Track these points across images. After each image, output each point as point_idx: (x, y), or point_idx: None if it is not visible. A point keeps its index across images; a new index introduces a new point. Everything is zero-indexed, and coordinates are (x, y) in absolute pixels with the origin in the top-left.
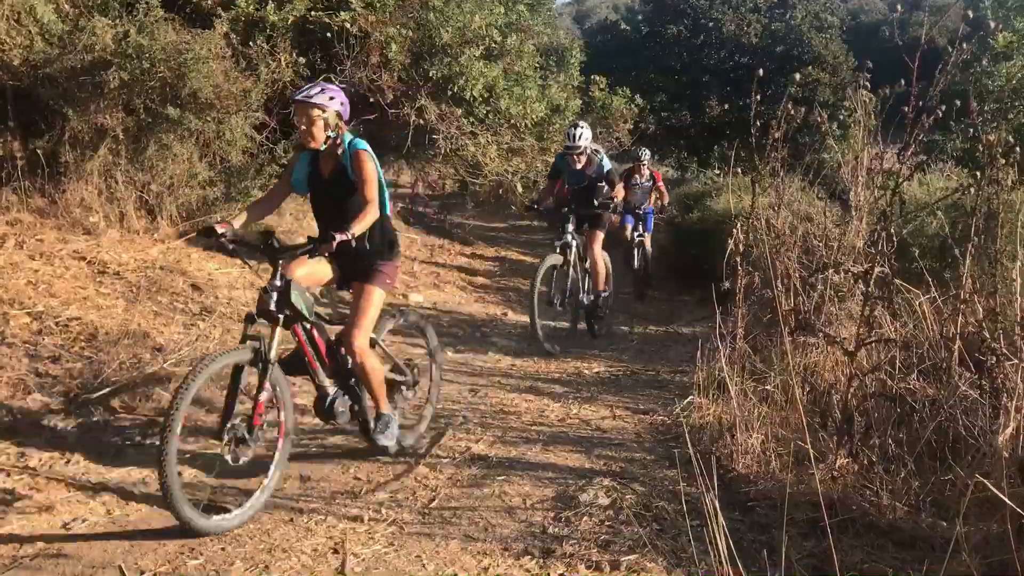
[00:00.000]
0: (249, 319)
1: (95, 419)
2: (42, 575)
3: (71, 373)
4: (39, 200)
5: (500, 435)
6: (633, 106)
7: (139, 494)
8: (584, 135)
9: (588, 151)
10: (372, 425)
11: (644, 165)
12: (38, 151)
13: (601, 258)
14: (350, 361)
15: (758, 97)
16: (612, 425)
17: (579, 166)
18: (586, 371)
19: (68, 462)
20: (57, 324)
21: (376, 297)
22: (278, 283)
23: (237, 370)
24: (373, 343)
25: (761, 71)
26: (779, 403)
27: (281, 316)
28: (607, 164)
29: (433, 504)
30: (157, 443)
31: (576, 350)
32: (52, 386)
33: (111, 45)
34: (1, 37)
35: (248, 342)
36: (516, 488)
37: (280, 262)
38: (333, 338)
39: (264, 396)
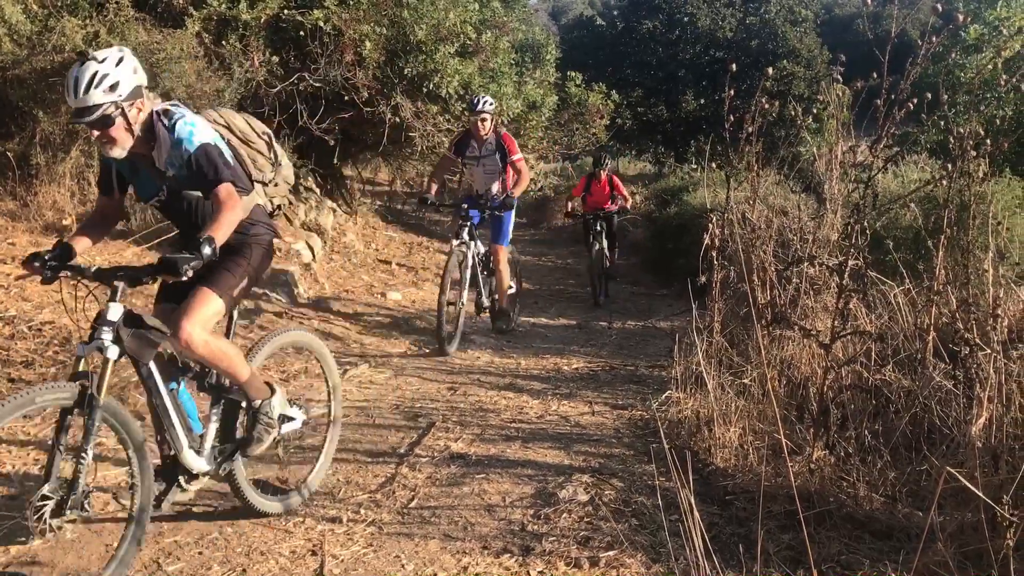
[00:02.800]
0: None
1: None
2: None
3: (44, 377)
4: (10, 203)
5: (479, 433)
6: (609, 102)
7: (113, 501)
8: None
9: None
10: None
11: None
12: (8, 153)
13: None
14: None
15: (732, 92)
16: (591, 421)
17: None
18: (565, 367)
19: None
20: (30, 328)
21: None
22: None
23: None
24: None
25: (734, 66)
26: (756, 396)
27: None
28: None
29: (412, 504)
30: None
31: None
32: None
33: (81, 46)
34: None
35: None
36: (495, 486)
37: None
38: None
39: None
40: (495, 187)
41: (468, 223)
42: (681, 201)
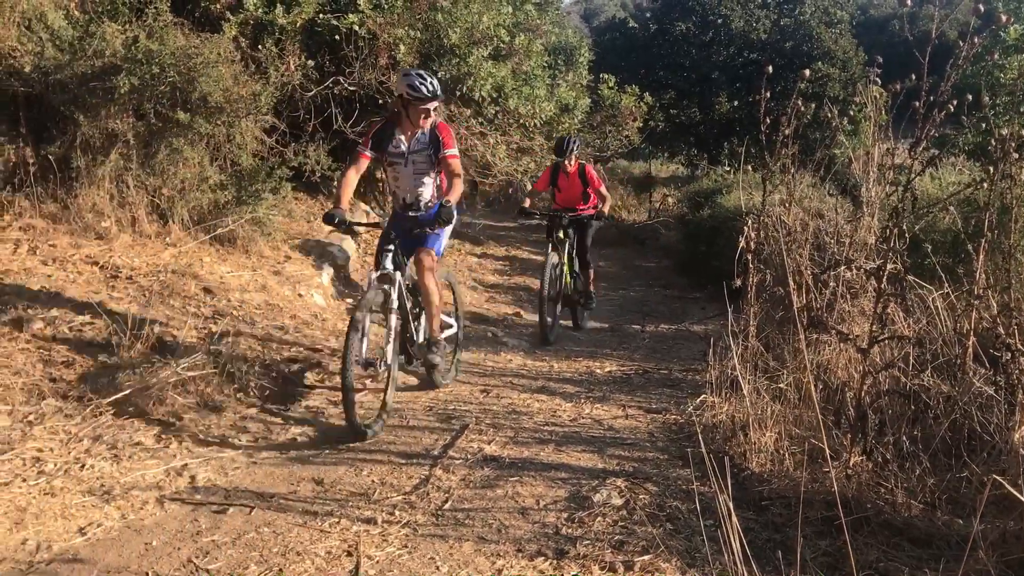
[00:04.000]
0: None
1: (108, 425)
2: None
3: (85, 378)
4: (51, 206)
5: (512, 436)
6: (642, 104)
7: (153, 499)
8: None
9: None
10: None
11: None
12: (50, 157)
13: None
14: None
15: (767, 94)
16: (625, 424)
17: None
18: (598, 370)
19: (83, 467)
20: (71, 329)
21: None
22: None
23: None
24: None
25: (770, 67)
26: (792, 401)
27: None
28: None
29: (446, 506)
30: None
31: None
32: (67, 390)
33: (121, 50)
34: (12, 44)
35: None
36: (529, 489)
37: None
38: None
39: None
40: (426, 193)
41: (392, 249)
42: (714, 203)
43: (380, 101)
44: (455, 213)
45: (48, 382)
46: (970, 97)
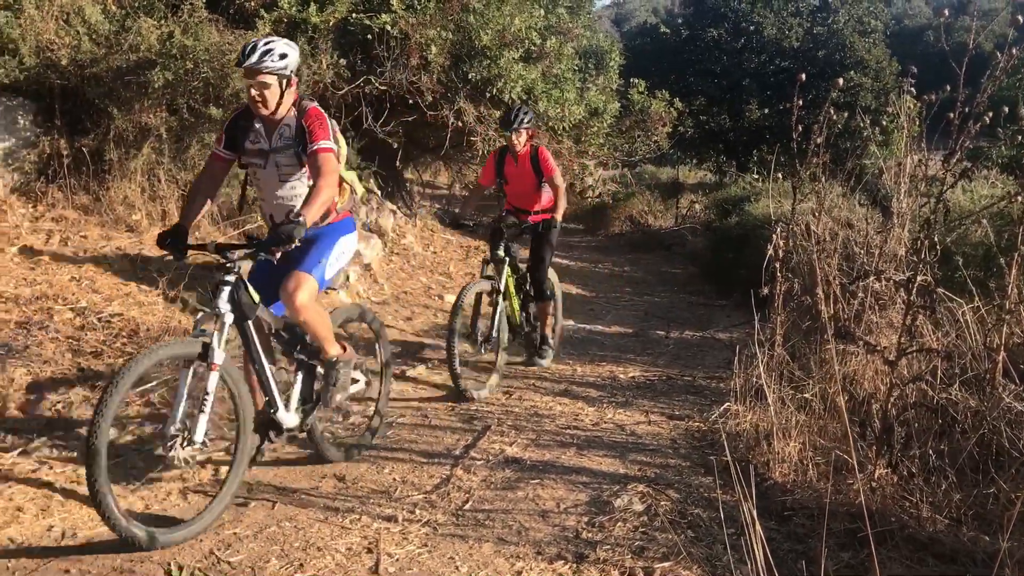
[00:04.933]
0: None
1: (135, 415)
2: (82, 567)
3: (113, 368)
4: (84, 197)
5: (534, 438)
6: (672, 109)
7: (176, 490)
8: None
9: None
10: None
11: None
12: (83, 149)
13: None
14: None
15: (800, 102)
16: (647, 430)
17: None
18: (620, 375)
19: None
20: (100, 320)
21: None
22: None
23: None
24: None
25: (804, 76)
26: (817, 412)
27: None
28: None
29: (467, 506)
30: None
31: None
32: (95, 380)
33: (156, 45)
34: (50, 37)
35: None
36: (550, 492)
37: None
38: None
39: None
40: (297, 203)
41: (228, 283)
42: (742, 211)
43: (410, 101)
44: (295, 234)
45: (76, 371)
46: (1006, 110)
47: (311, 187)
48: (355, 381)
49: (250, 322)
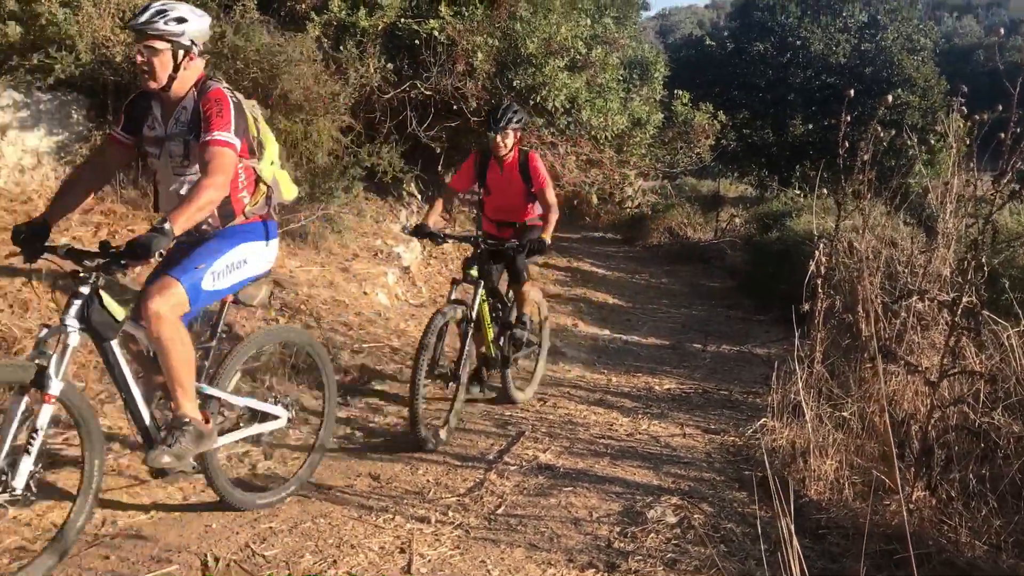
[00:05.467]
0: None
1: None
2: (121, 554)
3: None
4: (132, 192)
5: (568, 446)
6: (715, 122)
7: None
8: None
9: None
10: None
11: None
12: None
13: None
14: None
15: (848, 118)
16: (681, 443)
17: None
18: (656, 387)
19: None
20: None
21: None
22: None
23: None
24: None
25: (852, 92)
26: (855, 431)
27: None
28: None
29: (499, 510)
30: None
31: None
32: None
33: (208, 45)
34: (106, 34)
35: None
36: (582, 500)
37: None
38: None
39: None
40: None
41: (80, 295)
42: (783, 226)
43: (454, 106)
44: (153, 247)
45: None
46: None
47: (192, 185)
48: (273, 418)
49: (114, 343)
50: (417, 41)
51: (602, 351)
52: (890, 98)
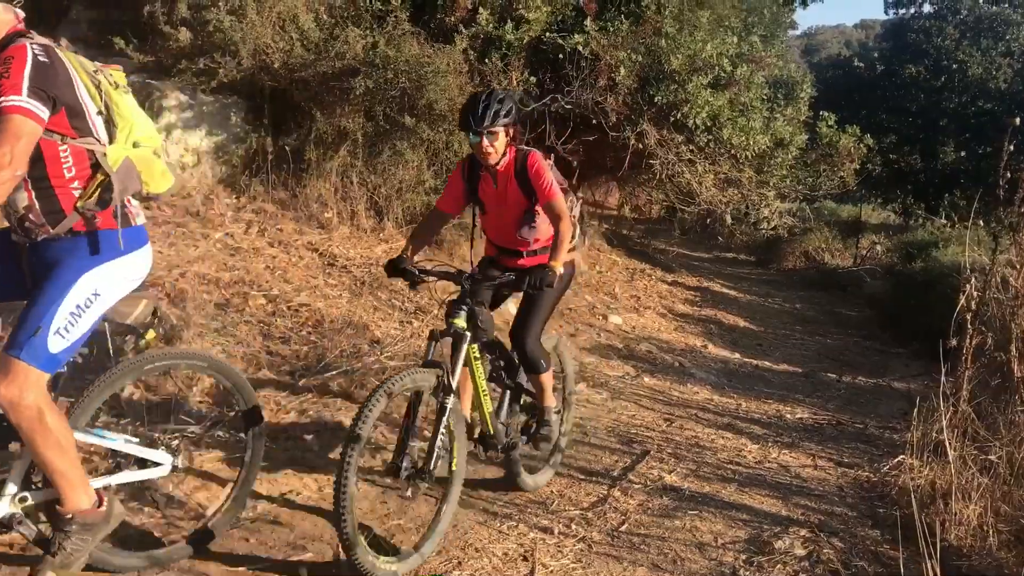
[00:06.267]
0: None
1: (314, 401)
2: (260, 537)
3: (298, 354)
4: (282, 192)
5: (694, 469)
6: (861, 145)
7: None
8: None
9: None
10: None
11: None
12: (286, 148)
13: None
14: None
15: (1010, 147)
16: (812, 475)
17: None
18: (787, 415)
19: (288, 438)
20: (289, 308)
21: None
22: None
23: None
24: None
25: (1018, 120)
26: (1003, 475)
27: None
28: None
29: (622, 528)
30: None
31: None
32: (280, 364)
33: (360, 54)
34: (267, 41)
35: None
36: (708, 525)
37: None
38: None
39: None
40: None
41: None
42: (929, 256)
43: (593, 121)
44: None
45: (265, 355)
46: None
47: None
48: (153, 464)
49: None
50: (561, 55)
51: (732, 375)
52: None
